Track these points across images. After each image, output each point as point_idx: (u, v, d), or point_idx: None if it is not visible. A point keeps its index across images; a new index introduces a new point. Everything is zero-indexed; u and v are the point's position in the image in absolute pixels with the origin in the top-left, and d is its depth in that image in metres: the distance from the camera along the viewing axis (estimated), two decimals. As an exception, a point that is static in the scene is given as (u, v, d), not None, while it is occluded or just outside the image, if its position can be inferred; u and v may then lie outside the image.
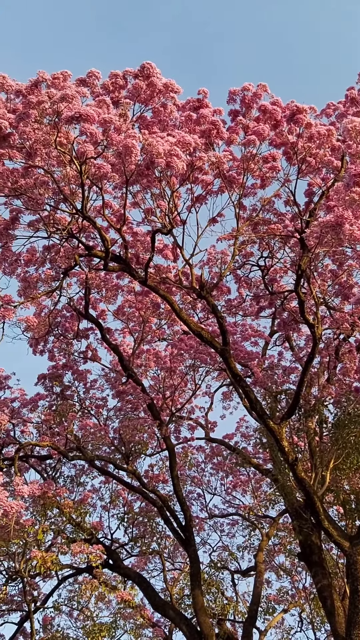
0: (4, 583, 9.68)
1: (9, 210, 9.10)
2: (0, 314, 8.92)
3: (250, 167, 9.21)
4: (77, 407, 11.70)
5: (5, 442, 10.20)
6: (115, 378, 11.80)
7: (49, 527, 9.12)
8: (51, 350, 11.81)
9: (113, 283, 11.38)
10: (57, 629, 10.16)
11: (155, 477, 11.63)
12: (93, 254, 9.39)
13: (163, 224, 9.14)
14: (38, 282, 10.04)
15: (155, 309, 11.45)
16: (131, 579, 10.14)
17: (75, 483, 11.05)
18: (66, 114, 7.24)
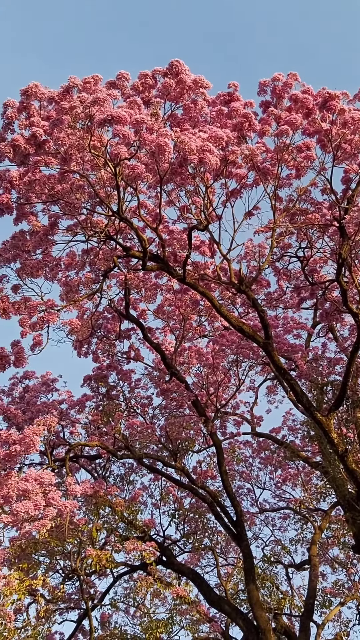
0: (62, 582, 9.88)
1: (48, 216, 9.28)
2: (45, 318, 9.10)
3: (285, 157, 9.12)
4: (123, 407, 11.82)
5: (56, 443, 10.39)
6: (159, 376, 11.87)
7: (102, 525, 9.25)
8: (95, 352, 11.96)
9: (152, 282, 11.45)
10: (115, 625, 10.32)
11: (203, 474, 11.66)
12: (131, 254, 9.48)
13: (199, 220, 9.15)
14: (79, 286, 10.19)
15: (195, 306, 11.46)
16: (185, 575, 10.20)
17: (125, 481, 11.19)
18: (98, 117, 7.33)
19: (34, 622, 8.57)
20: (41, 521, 7.04)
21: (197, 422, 10.78)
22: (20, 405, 10.72)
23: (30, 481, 7.22)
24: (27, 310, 9.36)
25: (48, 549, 9.19)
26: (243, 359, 11.27)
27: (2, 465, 8.25)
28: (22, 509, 6.86)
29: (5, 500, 7.28)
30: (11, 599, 7.29)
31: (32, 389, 11.21)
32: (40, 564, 9.48)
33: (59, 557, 9.64)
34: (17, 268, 9.09)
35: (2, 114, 7.75)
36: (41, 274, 9.48)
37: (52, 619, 9.60)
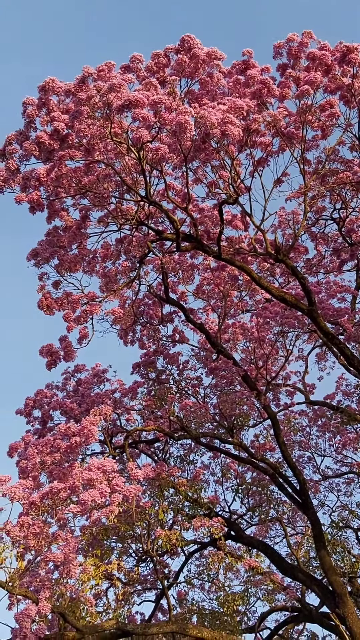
0: (135, 564, 10.12)
1: (78, 210, 9.36)
2: (88, 310, 9.23)
3: (308, 119, 8.93)
4: (174, 390, 11.92)
5: (113, 431, 10.58)
6: (206, 356, 11.90)
7: (168, 506, 9.41)
8: (140, 339, 12.07)
9: (188, 263, 11.43)
10: (192, 602, 10.53)
11: (262, 447, 11.68)
12: (164, 237, 9.48)
13: (228, 194, 9.07)
14: (117, 275, 10.27)
15: (233, 282, 11.40)
16: (255, 547, 10.28)
17: (186, 462, 11.32)
18: (116, 103, 7.32)
19: (114, 605, 8.82)
20: (109, 508, 7.18)
21: (249, 396, 10.79)
22: (75, 398, 10.94)
23: (93, 470, 7.37)
24: (70, 305, 9.50)
25: (118, 534, 9.41)
26: (289, 329, 11.17)
27: (65, 457, 8.46)
28: (89, 497, 7.01)
29: (72, 490, 7.46)
30: (89, 585, 7.49)
31: (84, 381, 11.41)
32: (113, 549, 9.73)
33: (130, 541, 9.87)
34: (55, 264, 9.22)
35: (23, 112, 7.83)
36: (79, 268, 9.59)
37: (131, 601, 9.88)
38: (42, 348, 9.35)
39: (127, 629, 7.76)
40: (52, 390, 11.30)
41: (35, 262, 9.37)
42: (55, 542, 7.29)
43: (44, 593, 6.65)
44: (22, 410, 10.95)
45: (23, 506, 7.33)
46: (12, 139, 8.08)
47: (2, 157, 7.99)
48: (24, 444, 9.59)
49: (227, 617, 8.77)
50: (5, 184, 8.49)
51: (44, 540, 7.25)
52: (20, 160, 8.10)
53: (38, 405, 10.91)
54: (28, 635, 6.42)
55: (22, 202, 8.58)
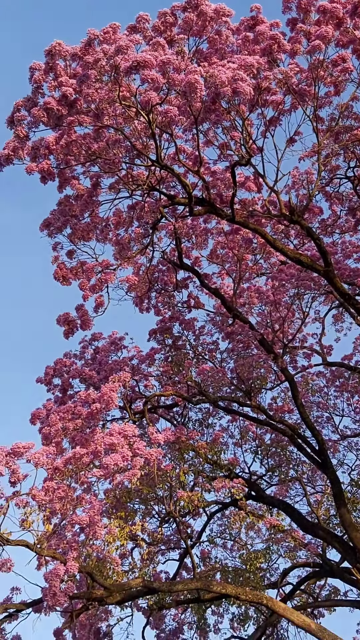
0: (159, 525, 10.37)
1: (89, 177, 9.30)
2: (103, 279, 9.25)
3: (320, 74, 8.69)
4: (191, 355, 11.98)
5: (132, 397, 10.71)
6: (222, 321, 11.92)
7: (189, 469, 9.56)
8: (155, 306, 12.10)
9: (201, 228, 11.36)
10: (215, 560, 10.80)
11: (280, 409, 11.76)
12: (176, 202, 9.40)
13: (240, 155, 8.93)
14: (130, 242, 10.25)
15: (248, 245, 11.32)
16: (276, 506, 10.46)
17: (204, 425, 11.45)
18: (124, 65, 7.19)
19: (140, 565, 9.07)
20: (131, 471, 7.32)
21: (266, 360, 10.81)
22: (94, 366, 11.05)
23: (115, 435, 7.50)
24: (84, 274, 9.53)
25: (141, 496, 9.61)
26: (305, 291, 11.11)
27: (86, 423, 8.61)
28: (112, 461, 7.15)
29: (95, 455, 7.61)
30: (115, 546, 7.70)
31: (102, 349, 11.51)
32: (136, 511, 9.96)
33: (153, 503, 10.09)
34: (68, 234, 9.22)
35: (30, 78, 7.72)
36: (92, 236, 9.58)
37: (155, 560, 10.15)
38: (59, 317, 9.42)
39: (153, 586, 7.99)
40: (70, 359, 11.41)
41: (48, 232, 9.38)
42: (80, 505, 7.48)
43: (71, 554, 6.85)
44: (43, 379, 11.10)
45: (47, 471, 7.50)
46: (20, 106, 8.00)
47: (10, 124, 7.92)
48: (45, 412, 9.76)
49: (249, 574, 8.99)
50: (14, 154, 8.43)
51: (69, 503, 7.44)
52: (29, 128, 8.03)
53: (58, 374, 11.05)
54: (57, 593, 6.64)
55: (33, 172, 8.53)
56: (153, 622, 10.71)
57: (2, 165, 8.32)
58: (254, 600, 7.88)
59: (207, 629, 10.97)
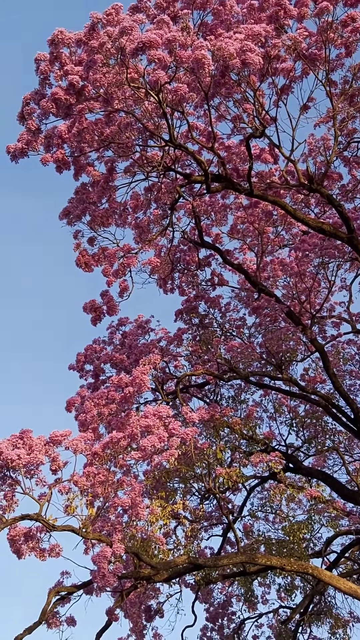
0: (200, 502, 10.50)
1: (104, 163, 9.28)
2: (125, 263, 9.27)
3: (330, 37, 8.49)
4: (219, 333, 11.97)
5: (164, 379, 10.78)
6: (247, 296, 11.86)
7: (225, 445, 9.63)
8: (179, 286, 12.09)
9: (220, 204, 11.27)
10: (258, 534, 10.91)
11: (312, 380, 11.71)
12: (192, 180, 9.34)
13: (254, 127, 8.81)
14: (149, 225, 10.24)
15: (268, 218, 11.21)
16: (315, 477, 10.48)
17: (237, 402, 11.47)
18: (130, 47, 7.12)
19: (184, 542, 9.22)
20: (168, 451, 7.40)
21: (294, 332, 10.75)
22: (123, 350, 11.14)
23: (150, 417, 7.57)
24: (106, 260, 9.56)
25: (180, 475, 9.72)
26: (329, 260, 10.97)
27: (120, 407, 8.72)
28: (149, 443, 7.23)
29: (131, 438, 7.70)
30: (158, 525, 7.83)
31: (129, 333, 11.58)
32: (176, 490, 10.09)
33: (192, 481, 10.19)
34: (88, 221, 9.25)
35: (36, 70, 7.70)
36: (111, 222, 9.60)
37: (199, 537, 10.29)
38: (86, 305, 9.50)
39: (198, 562, 8.12)
40: (100, 345, 11.53)
41: (68, 221, 9.43)
42: (120, 488, 7.60)
43: (116, 536, 6.99)
44: (75, 366, 11.25)
45: (86, 457, 7.64)
46: (28, 99, 8.00)
47: (21, 119, 7.93)
48: (80, 398, 9.90)
49: (293, 545, 9.06)
50: (28, 147, 8.46)
51: (110, 487, 7.57)
52: (40, 120, 8.03)
53: (89, 360, 11.18)
54: (106, 574, 6.80)
55: (48, 163, 8.56)
56: (201, 596, 10.92)
57: (17, 158, 8.35)
58: (299, 570, 7.95)
59: (254, 600, 11.14)
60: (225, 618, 11.22)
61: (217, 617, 11.13)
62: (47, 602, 7.34)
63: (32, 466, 6.78)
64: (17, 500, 6.80)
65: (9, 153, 8.39)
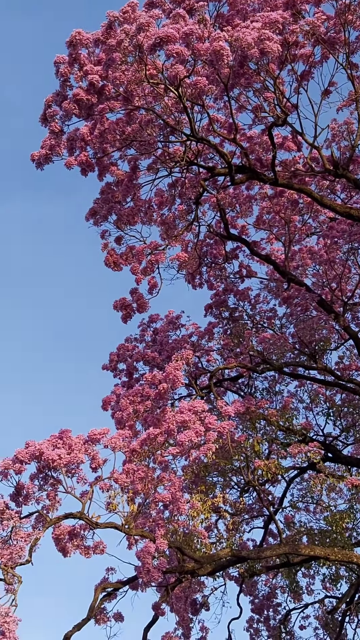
0: (239, 495, 10.49)
1: (127, 161, 9.32)
2: (153, 260, 9.31)
3: (349, 19, 8.35)
4: (250, 325, 11.92)
5: (197, 373, 10.79)
6: (277, 286, 11.77)
7: (262, 438, 9.59)
8: (208, 280, 12.09)
9: (244, 195, 11.21)
10: (300, 524, 10.86)
11: (347, 368, 11.58)
12: (216, 173, 9.31)
13: (275, 116, 8.73)
14: (175, 221, 10.24)
15: (294, 206, 11.10)
16: (354, 465, 10.37)
17: (272, 393, 11.41)
18: (147, 43, 7.12)
19: (226, 535, 9.23)
20: (206, 446, 7.40)
21: (327, 320, 10.63)
22: (155, 347, 11.19)
23: (185, 412, 7.59)
24: (134, 258, 9.62)
25: (218, 469, 9.72)
26: (359, 245, 10.81)
27: (155, 404, 8.75)
28: (186, 438, 7.25)
29: (168, 434, 7.74)
30: (199, 519, 7.84)
31: (160, 330, 11.62)
32: (215, 484, 10.10)
33: (231, 474, 10.19)
34: (114, 220, 9.30)
35: (56, 72, 7.76)
36: (137, 220, 9.64)
37: (241, 530, 10.29)
38: (116, 303, 9.57)
39: (241, 555, 8.12)
40: (132, 343, 11.59)
41: (94, 221, 9.50)
42: (160, 483, 7.64)
43: (158, 531, 7.03)
44: (108, 365, 11.34)
45: (125, 454, 7.70)
46: (50, 102, 8.07)
47: (44, 121, 8.01)
48: (115, 397, 9.98)
49: (336, 535, 8.99)
50: (52, 152, 8.54)
51: (150, 483, 7.62)
52: (62, 122, 8.10)
53: (122, 359, 11.26)
54: (151, 570, 6.85)
55: (72, 167, 8.63)
56: (246, 589, 10.92)
57: (42, 165, 8.45)
58: (343, 560, 7.90)
59: (299, 591, 11.09)
60: (271, 609, 11.20)
61: (263, 609, 11.11)
62: (94, 598, 7.43)
63: (73, 465, 6.88)
64: (59, 500, 6.91)
65: (34, 161, 8.50)
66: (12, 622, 5.47)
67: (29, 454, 6.65)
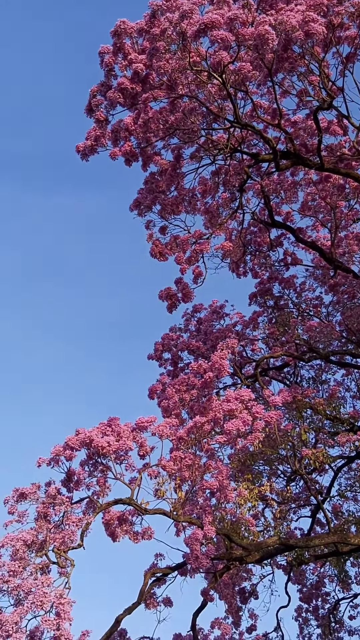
0: (286, 484, 10.45)
1: (170, 151, 9.32)
2: (197, 249, 9.31)
3: None
4: (295, 313, 11.80)
5: (242, 363, 10.76)
6: (323, 274, 11.61)
7: (309, 427, 9.52)
8: (252, 269, 11.99)
9: (289, 182, 11.06)
10: (348, 513, 10.74)
11: None
12: (260, 159, 9.22)
13: (320, 100, 8.58)
14: (219, 209, 10.20)
15: (341, 192, 10.88)
16: None
17: (318, 382, 11.29)
18: (191, 30, 7.08)
19: (273, 523, 9.22)
20: (253, 434, 7.40)
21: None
22: (200, 337, 11.20)
23: (232, 401, 7.59)
24: (179, 247, 9.63)
25: (265, 458, 9.70)
26: None
27: (201, 393, 8.78)
28: (233, 427, 7.26)
29: (215, 422, 7.76)
30: (247, 507, 7.86)
31: (205, 319, 11.62)
32: (262, 473, 10.08)
33: (277, 463, 10.16)
34: (158, 210, 9.34)
35: (101, 62, 7.82)
36: (181, 209, 9.65)
37: (288, 518, 10.25)
38: (161, 292, 9.61)
39: (289, 543, 8.10)
40: (176, 333, 11.64)
41: (138, 212, 9.56)
42: (207, 471, 7.68)
43: (206, 518, 7.07)
44: (153, 355, 11.42)
45: (172, 442, 7.76)
46: (95, 92, 8.14)
47: (89, 112, 8.08)
48: (161, 386, 10.05)
49: (385, 525, 8.88)
50: (97, 143, 8.62)
51: (197, 470, 7.66)
52: (107, 111, 8.16)
53: (166, 349, 11.32)
54: (199, 556, 6.90)
55: (117, 157, 8.70)
56: (294, 577, 10.89)
57: (87, 156, 8.54)
58: (394, 550, 7.78)
59: (348, 580, 10.99)
60: (319, 599, 11.14)
61: (311, 598, 11.06)
62: (144, 583, 7.55)
63: (122, 452, 6.98)
64: (109, 486, 7.03)
65: (79, 152, 8.60)
66: (66, 604, 5.62)
67: (79, 441, 6.78)
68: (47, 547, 6.32)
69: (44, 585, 5.69)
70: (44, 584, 5.72)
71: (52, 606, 5.64)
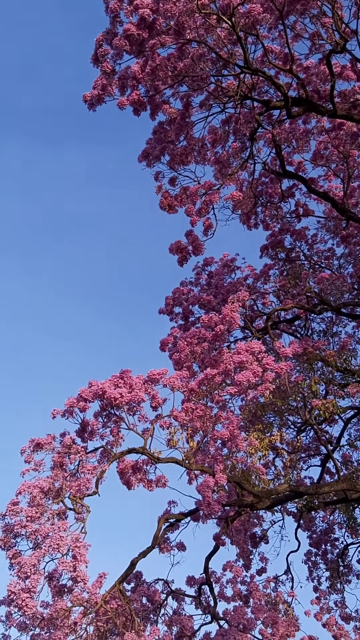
0: (296, 434, 10.61)
1: (179, 99, 9.11)
2: (207, 200, 9.19)
3: None
4: (307, 266, 11.72)
5: (252, 316, 10.76)
6: (335, 225, 11.46)
7: (320, 378, 9.58)
8: (263, 220, 11.86)
9: (301, 130, 10.79)
10: (358, 463, 10.91)
11: None
12: (272, 107, 8.99)
13: (334, 43, 8.28)
14: (229, 159, 10.02)
15: (354, 140, 10.61)
16: None
17: (329, 335, 11.30)
18: (198, -30, 6.81)
19: (284, 472, 9.41)
20: (263, 385, 7.46)
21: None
22: (210, 290, 11.19)
23: (242, 353, 7.63)
24: (189, 199, 9.52)
25: (275, 409, 9.82)
26: None
27: (212, 345, 8.83)
28: (244, 378, 7.31)
29: (225, 374, 7.83)
30: (257, 456, 8.00)
31: (215, 273, 11.58)
32: (272, 424, 10.23)
33: (287, 414, 10.29)
34: (167, 161, 9.20)
35: (106, 9, 7.57)
36: (191, 159, 9.49)
37: (298, 467, 10.46)
38: (171, 246, 9.56)
39: (299, 490, 8.28)
40: (187, 287, 11.63)
41: (147, 163, 9.42)
42: (218, 422, 7.80)
43: (217, 466, 7.22)
44: (164, 309, 11.46)
45: (184, 394, 7.86)
46: (100, 41, 7.91)
47: (95, 62, 7.88)
48: (172, 338, 10.12)
49: (394, 473, 9.02)
50: (104, 92, 8.43)
51: (208, 421, 7.78)
52: (114, 61, 7.95)
53: (177, 303, 11.34)
54: (211, 503, 7.08)
55: (124, 107, 8.51)
56: (304, 524, 11.17)
57: (94, 106, 8.37)
58: None
59: (357, 527, 11.26)
60: (328, 544, 11.45)
61: (320, 543, 11.37)
62: (157, 528, 7.78)
63: (134, 403, 7.10)
64: (122, 436, 7.18)
65: (86, 101, 8.42)
66: (82, 547, 5.83)
67: (92, 393, 6.90)
68: (63, 494, 6.51)
69: (60, 529, 5.89)
70: (61, 528, 5.92)
71: (69, 549, 5.86)
